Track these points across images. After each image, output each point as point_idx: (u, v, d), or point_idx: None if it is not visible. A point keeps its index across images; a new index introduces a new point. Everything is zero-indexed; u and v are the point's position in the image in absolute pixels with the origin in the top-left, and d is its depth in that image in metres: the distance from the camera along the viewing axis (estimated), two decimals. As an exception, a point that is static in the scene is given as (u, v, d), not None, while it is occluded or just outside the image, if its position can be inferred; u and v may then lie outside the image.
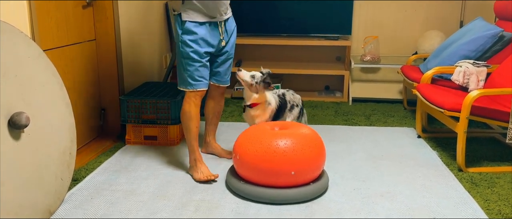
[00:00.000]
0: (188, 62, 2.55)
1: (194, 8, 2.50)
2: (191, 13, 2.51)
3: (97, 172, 2.78)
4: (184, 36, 2.53)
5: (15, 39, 2.10)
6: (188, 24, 2.51)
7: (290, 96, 2.98)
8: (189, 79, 2.58)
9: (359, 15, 4.72)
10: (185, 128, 2.68)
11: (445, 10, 4.63)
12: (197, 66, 2.56)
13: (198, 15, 2.51)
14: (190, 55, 2.54)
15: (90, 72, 3.29)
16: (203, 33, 2.54)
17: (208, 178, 2.60)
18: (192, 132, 2.66)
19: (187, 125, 2.66)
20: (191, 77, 2.58)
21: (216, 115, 2.98)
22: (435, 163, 2.95)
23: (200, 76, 2.58)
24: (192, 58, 2.54)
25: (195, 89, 2.60)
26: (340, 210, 2.34)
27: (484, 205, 2.41)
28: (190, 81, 2.58)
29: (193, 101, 2.62)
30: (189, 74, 2.57)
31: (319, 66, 4.70)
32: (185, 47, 2.53)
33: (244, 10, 4.72)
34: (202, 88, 2.62)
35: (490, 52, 3.47)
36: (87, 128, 3.26)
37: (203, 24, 2.53)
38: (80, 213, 2.28)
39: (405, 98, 4.29)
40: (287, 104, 2.93)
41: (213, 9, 2.54)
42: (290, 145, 2.35)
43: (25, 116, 1.99)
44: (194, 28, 2.51)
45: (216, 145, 3.04)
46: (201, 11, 2.51)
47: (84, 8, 3.18)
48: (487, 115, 2.81)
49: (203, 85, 2.62)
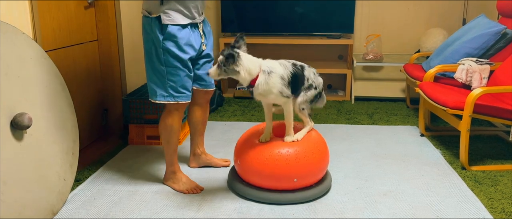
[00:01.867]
0: (171, 72, 2.30)
1: (175, 9, 2.24)
2: (172, 14, 2.24)
3: (100, 172, 2.78)
4: (166, 42, 2.26)
5: (17, 40, 2.10)
6: (170, 28, 2.25)
7: (310, 74, 2.41)
8: (172, 91, 2.34)
9: (361, 13, 4.71)
10: (166, 141, 2.47)
11: (448, 8, 4.62)
12: (182, 76, 2.33)
13: (179, 16, 2.26)
14: (174, 64, 2.29)
15: (92, 73, 3.29)
16: (186, 37, 2.30)
17: (193, 191, 2.49)
18: (174, 145, 2.48)
19: (168, 138, 2.46)
20: (174, 89, 2.33)
21: (204, 124, 2.76)
22: (438, 162, 2.94)
23: (184, 87, 2.36)
24: (176, 66, 2.30)
25: (178, 101, 2.37)
26: (343, 209, 2.34)
27: (488, 204, 2.40)
28: (173, 93, 2.34)
29: (176, 115, 2.41)
30: (171, 85, 2.33)
31: (321, 65, 4.69)
32: (167, 55, 2.28)
33: (246, 10, 4.72)
34: (187, 101, 2.40)
35: (493, 49, 3.45)
36: (89, 128, 3.27)
37: (185, 26, 2.29)
38: (83, 213, 2.29)
39: (408, 97, 4.28)
40: (305, 80, 2.38)
41: (194, 8, 2.31)
42: (292, 153, 2.31)
43: (28, 117, 1.99)
44: (177, 32, 2.26)
45: (209, 156, 2.84)
46: (181, 12, 2.26)
47: (86, 9, 3.18)
48: (490, 113, 2.80)
49: (186, 97, 2.39)
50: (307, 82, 2.38)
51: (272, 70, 2.24)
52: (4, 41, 2.00)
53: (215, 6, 4.81)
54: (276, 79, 2.23)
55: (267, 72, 2.23)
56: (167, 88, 2.34)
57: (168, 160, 2.54)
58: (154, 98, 2.39)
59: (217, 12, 4.81)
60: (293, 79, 2.29)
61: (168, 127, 2.44)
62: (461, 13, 4.60)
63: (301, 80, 2.36)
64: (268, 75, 2.22)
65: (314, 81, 2.42)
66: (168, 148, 2.50)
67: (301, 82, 2.36)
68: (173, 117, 2.43)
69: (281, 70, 2.27)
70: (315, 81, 2.43)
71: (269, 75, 2.22)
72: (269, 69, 2.24)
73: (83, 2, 3.14)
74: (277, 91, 2.25)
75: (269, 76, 2.22)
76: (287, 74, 2.27)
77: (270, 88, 2.23)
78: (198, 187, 2.53)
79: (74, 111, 2.43)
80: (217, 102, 4.16)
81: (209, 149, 3.16)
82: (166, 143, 2.49)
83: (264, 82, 2.22)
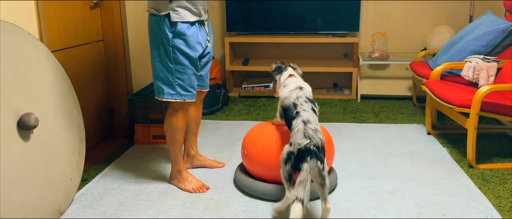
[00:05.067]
0: (180, 70, 2.32)
1: (183, 6, 2.25)
2: (181, 12, 2.25)
3: (106, 171, 2.79)
4: (176, 40, 2.27)
5: (23, 40, 2.11)
6: (180, 26, 2.25)
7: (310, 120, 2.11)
8: (180, 89, 2.35)
9: (367, 11, 4.69)
10: (171, 139, 2.48)
11: (454, 5, 4.58)
12: (190, 74, 2.35)
13: (188, 13, 2.27)
14: (183, 62, 2.31)
15: (98, 73, 3.31)
16: (195, 34, 2.32)
17: (200, 189, 2.50)
18: (178, 143, 2.49)
19: (173, 136, 2.46)
20: (182, 87, 2.35)
21: (197, 123, 2.75)
22: (445, 160, 2.93)
23: (192, 86, 2.38)
24: (185, 64, 2.32)
25: (185, 100, 2.38)
26: (349, 208, 2.33)
27: (496, 202, 2.38)
28: (181, 92, 2.35)
29: (181, 113, 2.42)
30: (179, 84, 2.34)
31: (327, 63, 4.68)
32: (177, 52, 2.29)
33: (251, 8, 4.71)
34: (193, 100, 2.42)
35: (500, 47, 3.43)
36: (96, 128, 3.28)
37: (193, 24, 2.30)
38: (89, 213, 2.29)
39: (414, 95, 4.26)
40: (294, 110, 2.16)
41: (201, 6, 2.32)
42: None
43: (34, 117, 2.00)
44: (186, 30, 2.27)
45: (203, 157, 2.83)
46: (189, 9, 2.27)
47: (91, 9, 3.19)
48: (497, 111, 2.78)
49: (193, 96, 2.40)
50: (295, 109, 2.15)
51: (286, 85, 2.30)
52: (10, 42, 2.01)
53: (220, 6, 4.81)
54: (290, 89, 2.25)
55: (299, 88, 2.24)
56: (175, 86, 2.35)
57: (173, 159, 2.55)
58: (161, 96, 2.39)
59: (222, 11, 4.81)
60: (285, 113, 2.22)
61: (173, 124, 2.44)
62: (468, 11, 4.57)
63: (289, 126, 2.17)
64: (297, 89, 2.23)
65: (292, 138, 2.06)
66: (173, 146, 2.50)
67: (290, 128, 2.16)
68: (178, 115, 2.43)
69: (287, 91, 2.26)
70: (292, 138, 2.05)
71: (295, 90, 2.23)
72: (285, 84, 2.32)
73: (89, 2, 3.15)
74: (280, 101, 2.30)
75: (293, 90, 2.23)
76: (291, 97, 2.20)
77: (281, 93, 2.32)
78: (204, 186, 2.53)
79: (80, 110, 2.44)
80: (222, 101, 4.16)
81: (215, 147, 3.17)
82: (171, 141, 2.50)
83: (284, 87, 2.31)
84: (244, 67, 4.64)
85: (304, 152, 1.99)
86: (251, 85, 4.57)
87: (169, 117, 2.45)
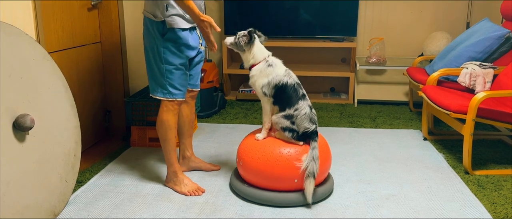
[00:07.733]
0: (171, 70, 2.40)
1: (178, 14, 2.35)
2: (176, 19, 2.35)
3: (102, 173, 2.78)
4: (168, 43, 2.37)
5: (20, 41, 2.11)
6: (172, 31, 2.36)
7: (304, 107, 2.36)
8: (170, 88, 2.43)
9: (365, 17, 4.70)
10: (163, 138, 2.52)
11: (452, 11, 4.60)
12: (179, 74, 2.43)
13: (181, 21, 2.37)
14: (173, 62, 2.40)
15: (95, 75, 3.30)
16: (185, 38, 2.40)
17: (195, 193, 2.51)
18: (171, 142, 2.52)
19: (165, 135, 2.50)
20: (172, 86, 2.43)
21: (191, 124, 2.77)
22: (441, 166, 2.93)
23: (182, 85, 2.46)
24: (175, 65, 2.40)
25: (175, 98, 2.46)
26: (345, 212, 2.33)
27: (491, 208, 2.38)
28: (171, 90, 2.43)
29: (171, 111, 2.47)
30: (169, 82, 2.42)
31: (324, 68, 4.69)
32: (167, 53, 2.38)
33: (249, 12, 4.72)
34: (183, 99, 2.49)
35: (497, 53, 3.44)
36: (92, 129, 3.27)
37: (185, 29, 2.39)
38: (84, 215, 2.28)
39: (411, 100, 4.27)
40: (292, 105, 2.34)
41: None
42: (293, 154, 2.31)
43: (30, 118, 1.99)
44: (178, 34, 2.36)
45: (199, 160, 2.85)
46: (183, 16, 2.37)
47: (89, 10, 3.19)
48: (493, 117, 2.79)
49: (183, 95, 2.48)
50: (293, 110, 2.33)
51: (273, 66, 2.38)
52: (7, 42, 2.00)
53: (219, 9, 4.82)
54: (270, 74, 2.36)
55: (268, 64, 2.38)
56: (166, 85, 2.43)
57: (167, 160, 2.56)
58: (154, 93, 2.50)
59: (220, 14, 4.81)
60: (282, 90, 2.35)
61: (164, 123, 2.48)
62: (465, 17, 4.59)
63: (289, 100, 2.34)
64: (267, 67, 2.37)
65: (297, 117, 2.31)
66: (167, 145, 2.53)
67: (288, 103, 2.34)
68: (168, 113, 2.48)
69: (281, 72, 2.37)
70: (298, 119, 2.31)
71: (267, 67, 2.37)
72: (272, 63, 2.39)
73: (87, 3, 3.15)
74: (260, 84, 2.38)
75: (266, 68, 2.37)
76: (282, 81, 2.35)
77: (259, 76, 2.38)
78: (199, 189, 2.53)
79: (76, 112, 2.44)
80: (219, 104, 4.16)
81: (212, 151, 3.16)
82: (164, 141, 2.52)
83: (259, 69, 2.38)
84: (242, 70, 4.64)
85: (310, 134, 2.33)
86: (249, 89, 4.57)
87: (160, 116, 2.50)
